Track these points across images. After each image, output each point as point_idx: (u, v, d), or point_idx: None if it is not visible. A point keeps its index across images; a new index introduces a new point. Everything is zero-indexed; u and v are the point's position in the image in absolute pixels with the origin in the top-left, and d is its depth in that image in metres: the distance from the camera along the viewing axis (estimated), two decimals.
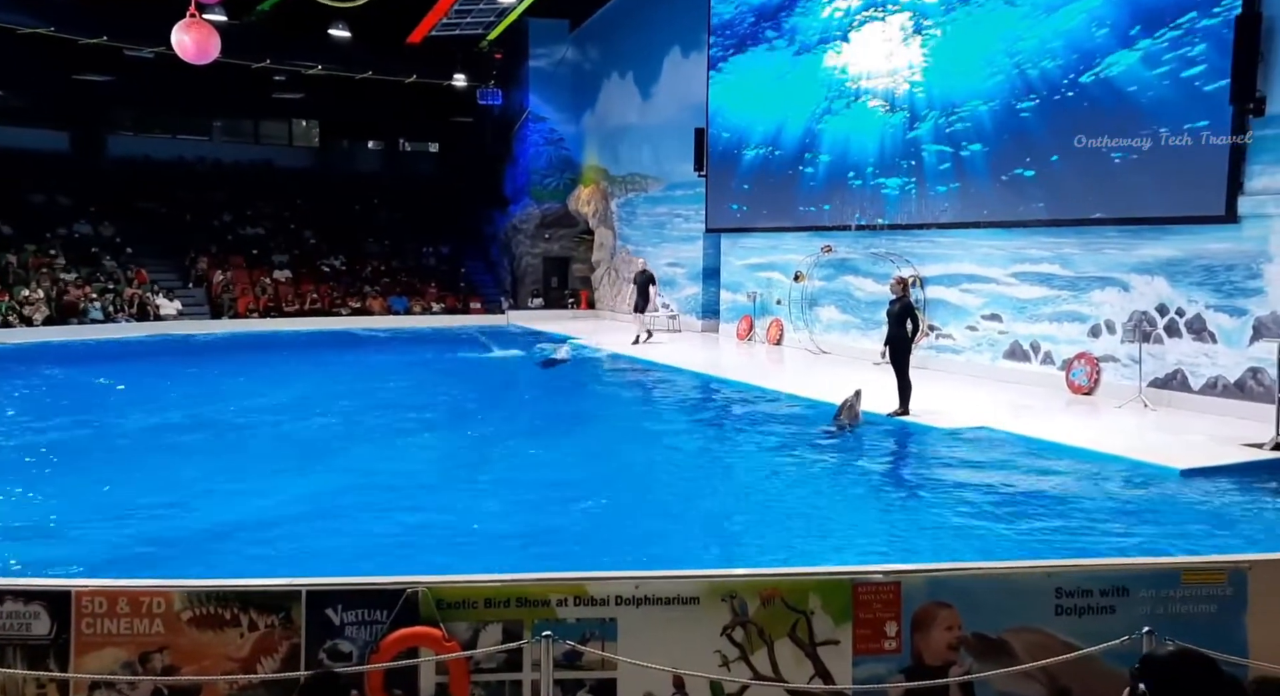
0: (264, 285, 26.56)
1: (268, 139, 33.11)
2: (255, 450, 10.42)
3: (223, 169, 30.53)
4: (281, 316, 25.51)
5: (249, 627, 3.88)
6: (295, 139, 33.94)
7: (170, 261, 26.55)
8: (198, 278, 26.40)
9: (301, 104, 31.95)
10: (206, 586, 3.90)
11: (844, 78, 17.20)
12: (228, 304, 25.54)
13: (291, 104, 31.78)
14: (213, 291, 25.96)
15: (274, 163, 31.57)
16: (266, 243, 28.41)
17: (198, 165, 30.27)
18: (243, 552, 6.79)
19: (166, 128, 31.19)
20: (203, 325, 24.23)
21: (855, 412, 10.85)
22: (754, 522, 7.94)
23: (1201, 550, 5.54)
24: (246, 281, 26.50)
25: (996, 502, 8.20)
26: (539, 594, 4.02)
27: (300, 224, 29.45)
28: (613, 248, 27.30)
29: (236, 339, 22.58)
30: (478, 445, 10.69)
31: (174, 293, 25.26)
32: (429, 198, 31.24)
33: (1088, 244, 12.87)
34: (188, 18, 8.27)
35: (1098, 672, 3.97)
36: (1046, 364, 13.44)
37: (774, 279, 19.57)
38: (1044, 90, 13.23)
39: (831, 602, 4.07)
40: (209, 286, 26.10)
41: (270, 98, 30.54)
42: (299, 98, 31.01)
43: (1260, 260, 10.80)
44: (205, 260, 26.80)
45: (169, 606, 3.84)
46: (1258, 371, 10.74)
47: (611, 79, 26.74)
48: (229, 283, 26.18)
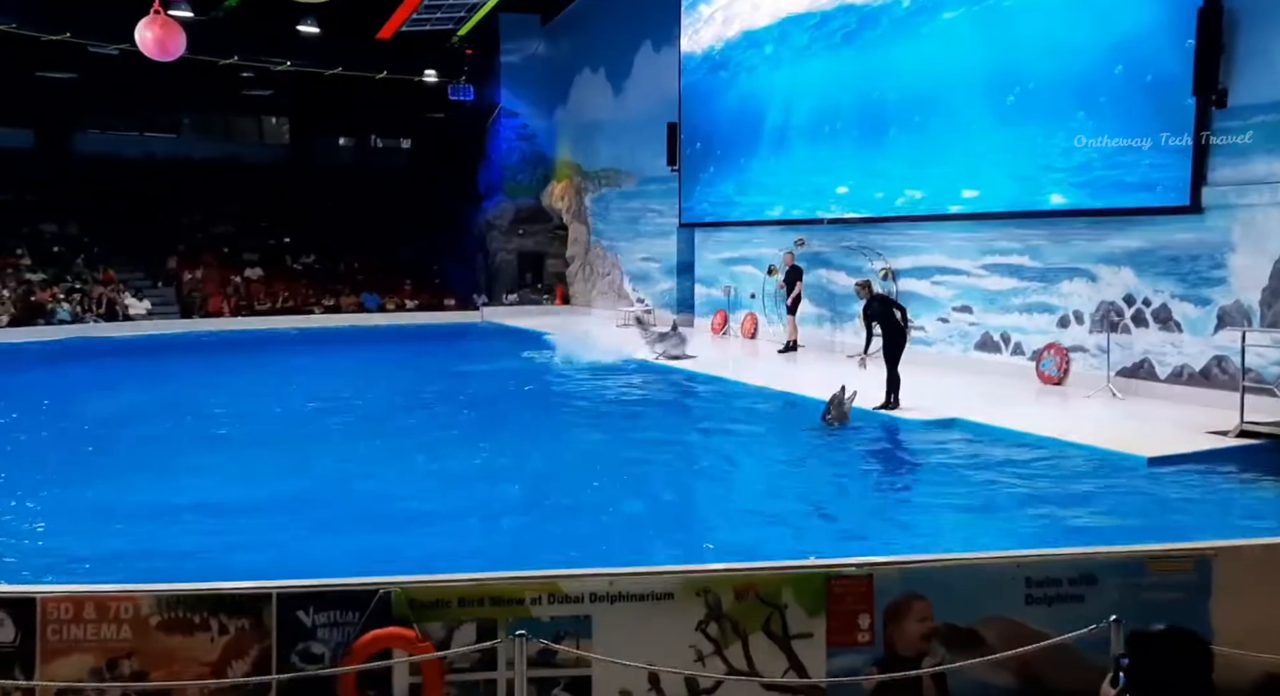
0: (235, 284, 26.30)
1: (237, 136, 32.77)
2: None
3: (192, 166, 30.16)
4: (253, 315, 25.29)
5: (219, 631, 3.84)
6: (265, 136, 33.60)
7: (139, 260, 26.22)
8: (167, 276, 26.09)
9: (271, 100, 31.61)
10: (175, 590, 3.87)
11: (817, 71, 17.25)
12: (198, 303, 25.27)
13: (261, 100, 31.44)
14: (182, 290, 25.66)
15: (244, 159, 31.23)
16: (237, 241, 28.12)
17: (166, 163, 29.88)
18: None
19: (134, 125, 30.76)
20: (172, 324, 23.96)
21: (844, 411, 10.89)
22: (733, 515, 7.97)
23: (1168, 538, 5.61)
24: (217, 280, 26.23)
25: (967, 493, 8.27)
26: (513, 592, 4.02)
27: (271, 221, 29.17)
28: (587, 243, 27.25)
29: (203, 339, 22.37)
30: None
31: (143, 292, 24.96)
32: (401, 194, 31.04)
33: (1056, 235, 13.00)
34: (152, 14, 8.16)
35: (1068, 661, 4.02)
36: (1017, 355, 13.57)
37: (747, 273, 19.62)
38: (1016, 82, 13.32)
39: (805, 596, 4.10)
40: (179, 285, 25.81)
41: (239, 94, 30.19)
42: (268, 94, 30.67)
43: (1223, 250, 10.95)
44: (175, 259, 26.49)
45: (137, 611, 3.80)
46: (1222, 360, 10.89)
47: (583, 74, 26.67)
48: (199, 281, 25.90)
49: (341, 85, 28.84)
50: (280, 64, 27.48)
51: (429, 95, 30.10)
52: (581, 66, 26.74)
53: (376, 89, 29.43)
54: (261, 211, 29.27)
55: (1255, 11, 10.53)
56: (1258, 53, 10.48)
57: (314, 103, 31.04)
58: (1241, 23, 10.62)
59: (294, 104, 31.91)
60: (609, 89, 25.34)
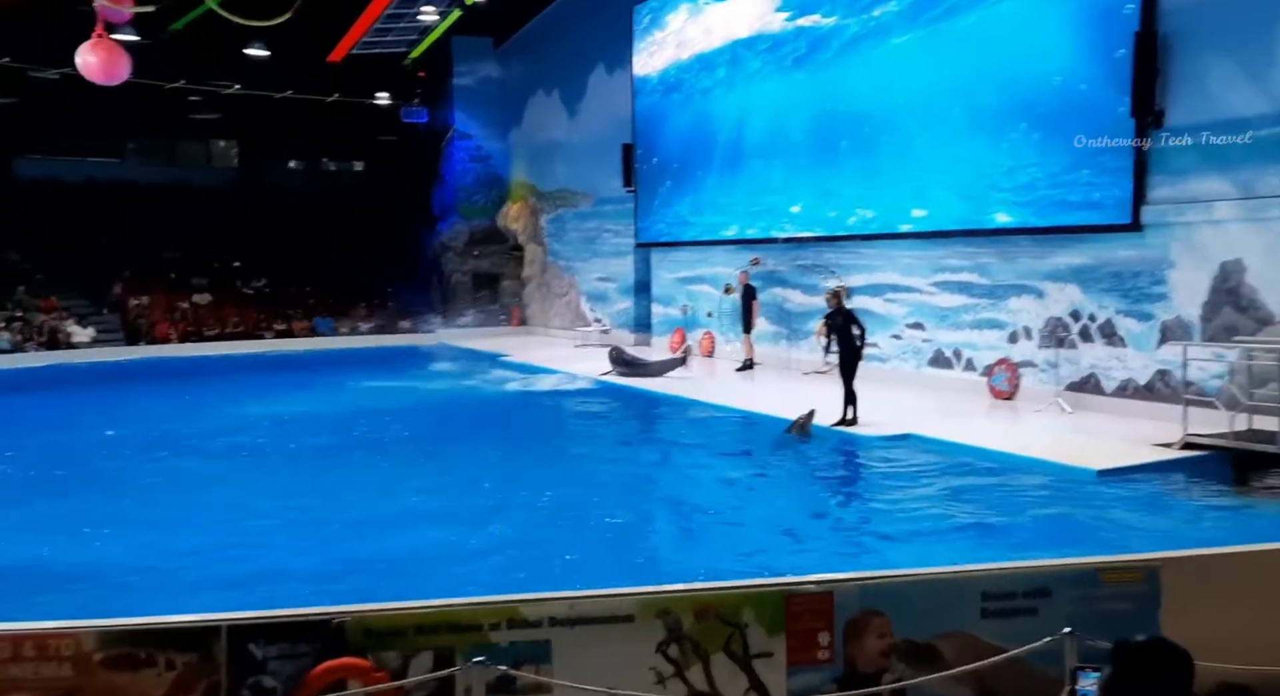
0: (182, 310, 25.83)
1: (184, 160, 32.28)
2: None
3: (137, 191, 29.63)
4: (202, 341, 24.83)
5: (166, 666, 3.73)
6: (214, 159, 33.16)
7: (83, 287, 25.64)
8: (112, 303, 25.55)
9: (219, 124, 31.25)
10: (119, 625, 3.75)
11: (769, 93, 17.47)
12: (144, 329, 24.76)
13: (209, 124, 31.06)
14: (128, 317, 25.14)
15: (191, 184, 30.76)
16: (185, 266, 27.63)
17: (110, 188, 29.34)
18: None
19: (76, 150, 30.15)
20: (117, 352, 23.45)
21: (807, 431, 11.05)
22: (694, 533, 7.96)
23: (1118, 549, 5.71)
24: (164, 306, 25.74)
25: (923, 507, 8.35)
26: (470, 618, 3.96)
27: (220, 246, 28.73)
28: (543, 263, 27.22)
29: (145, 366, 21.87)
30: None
31: (87, 319, 24.40)
32: (354, 217, 30.77)
33: (1003, 253, 13.25)
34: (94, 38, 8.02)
35: (1024, 673, 4.06)
36: (969, 370, 13.77)
37: (704, 292, 19.72)
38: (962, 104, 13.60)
39: (765, 614, 4.09)
40: (124, 312, 25.28)
41: (186, 118, 29.80)
42: (216, 118, 30.31)
43: (1164, 266, 11.24)
44: (120, 285, 25.96)
45: (79, 648, 3.67)
46: (1165, 373, 11.15)
47: (537, 96, 26.74)
48: (145, 308, 25.39)
49: (292, 108, 28.59)
50: (228, 87, 27.18)
51: (381, 118, 29.96)
52: (535, 88, 26.81)
53: (328, 112, 29.23)
54: (210, 236, 28.82)
55: (1188, 36, 10.88)
56: (1191, 76, 10.82)
57: (264, 126, 30.72)
58: (1175, 47, 10.96)
59: (243, 127, 31.56)
60: (563, 111, 25.42)
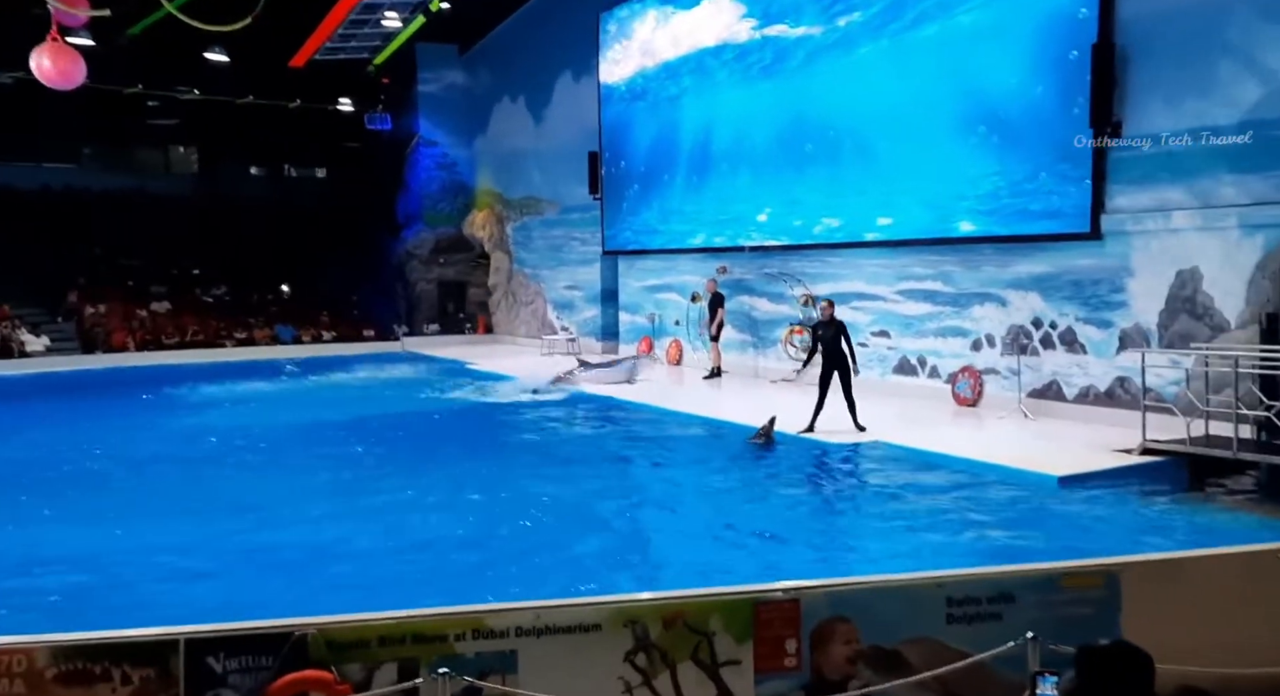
0: (140, 318, 25.40)
1: (142, 166, 31.74)
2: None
3: (92, 198, 29.12)
4: (160, 349, 24.44)
5: (122, 681, 3.64)
6: (172, 166, 32.64)
7: (37, 295, 25.13)
8: (67, 312, 25.06)
9: (178, 130, 30.80)
10: (73, 640, 3.65)
11: (735, 102, 17.56)
12: (101, 338, 24.31)
13: (167, 130, 30.61)
14: (84, 325, 24.67)
15: (149, 190, 30.25)
16: (143, 273, 27.19)
17: (65, 194, 28.80)
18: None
19: (30, 155, 29.54)
20: (73, 361, 23.01)
21: (770, 438, 11.17)
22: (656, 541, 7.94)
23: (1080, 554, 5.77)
24: (121, 314, 25.30)
25: (888, 514, 8.41)
26: (435, 629, 3.91)
27: (179, 253, 28.30)
28: (509, 271, 27.12)
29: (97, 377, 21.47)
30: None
31: (41, 328, 23.91)
32: (317, 224, 30.46)
33: (967, 261, 13.41)
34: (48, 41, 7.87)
35: (988, 679, 4.09)
36: (933, 377, 13.91)
37: (671, 300, 19.75)
38: (926, 114, 13.76)
39: (733, 622, 4.08)
40: (79, 320, 24.81)
41: (145, 124, 29.35)
42: (175, 124, 29.89)
43: (1122, 275, 11.44)
44: (75, 293, 25.48)
45: (31, 664, 3.57)
46: (1125, 380, 11.34)
47: (503, 103, 26.67)
48: (102, 316, 24.93)
49: (253, 114, 28.27)
50: (187, 93, 26.83)
51: (345, 124, 29.71)
52: (501, 95, 26.74)
53: (290, 118, 28.93)
54: (169, 243, 28.37)
55: (1144, 49, 11.10)
56: (1148, 87, 11.04)
57: (224, 132, 30.33)
58: (1133, 57, 11.18)
59: (203, 133, 31.13)
60: (529, 118, 25.38)
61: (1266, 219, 10.01)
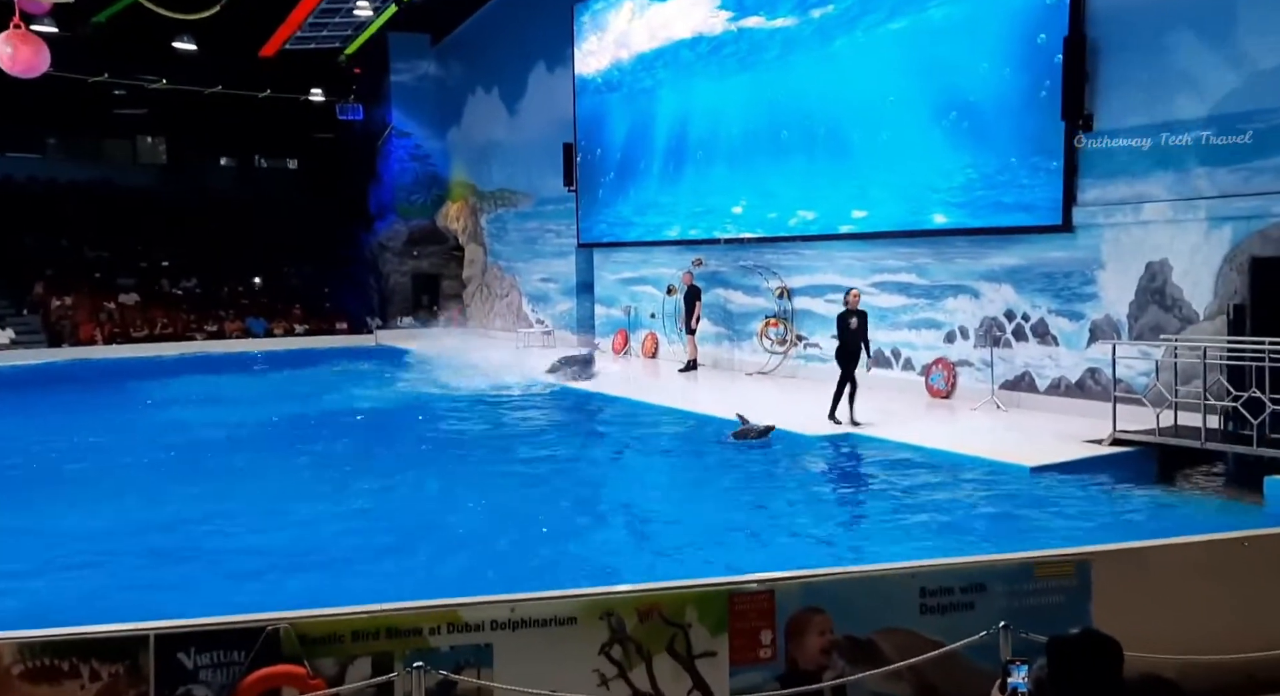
0: (108, 310, 25.06)
1: (109, 156, 31.29)
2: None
3: (58, 189, 28.67)
4: (129, 342, 24.13)
5: (90, 678, 3.60)
6: (140, 156, 32.19)
7: (1, 287, 24.73)
8: (33, 304, 24.68)
9: (146, 120, 30.38)
10: (40, 637, 3.60)
11: (710, 94, 17.55)
12: (68, 331, 23.96)
13: (135, 120, 30.18)
14: (50, 318, 24.30)
15: (116, 182, 29.83)
16: (111, 265, 26.81)
17: (30, 185, 28.34)
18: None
19: None
20: (39, 354, 22.69)
21: (765, 437, 10.98)
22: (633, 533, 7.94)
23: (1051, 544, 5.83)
24: (89, 307, 24.94)
25: (861, 505, 8.46)
26: (410, 623, 3.89)
27: (148, 245, 27.93)
28: (484, 264, 26.99)
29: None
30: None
31: (5, 320, 23.53)
32: (289, 216, 30.16)
33: (940, 254, 13.49)
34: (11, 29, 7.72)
35: (961, 667, 4.12)
36: (907, 370, 13.99)
37: (647, 292, 19.73)
38: (901, 107, 13.81)
39: (708, 614, 4.09)
40: (45, 313, 24.44)
41: (111, 113, 28.90)
42: (142, 113, 29.47)
43: (1093, 267, 11.55)
44: (41, 285, 25.09)
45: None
46: (1095, 371, 11.46)
47: (477, 94, 26.51)
48: (69, 308, 24.57)
49: (222, 104, 27.91)
50: (155, 82, 26.44)
51: (316, 115, 29.42)
52: (474, 86, 26.57)
53: (260, 108, 28.60)
54: (137, 235, 28.01)
55: (1116, 42, 11.19)
56: (1119, 80, 11.13)
57: (193, 122, 29.94)
58: (1104, 52, 11.27)
59: (171, 123, 30.72)
60: (503, 109, 25.23)
61: (1234, 211, 10.14)
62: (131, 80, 26.27)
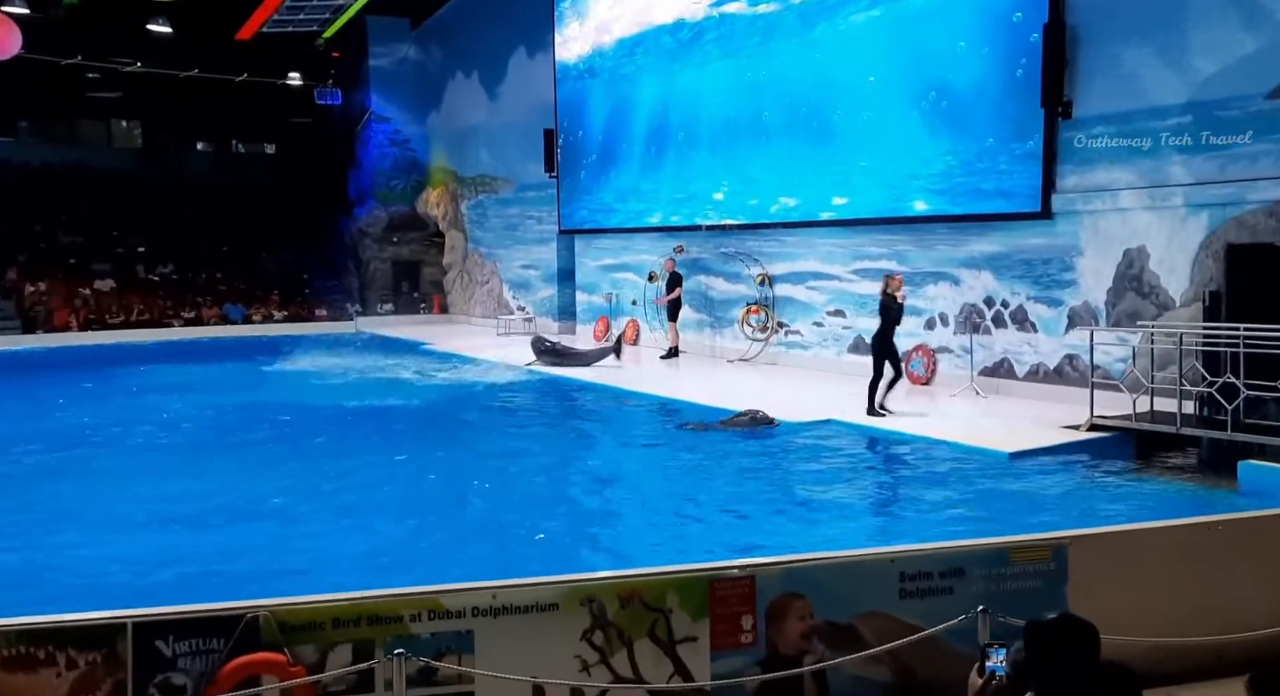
0: (84, 296, 24.79)
1: (84, 140, 30.88)
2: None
3: (31, 173, 28.27)
4: (105, 329, 23.89)
5: (67, 666, 3.57)
6: (115, 140, 31.81)
7: None
8: (6, 290, 24.37)
9: (121, 103, 30.00)
10: (14, 625, 3.57)
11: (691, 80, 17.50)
12: (42, 317, 23.69)
13: (109, 103, 29.80)
14: (24, 304, 24.01)
15: (91, 165, 29.44)
16: (86, 251, 26.49)
17: (2, 169, 27.92)
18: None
19: None
20: (13, 341, 22.41)
21: (759, 422, 10.95)
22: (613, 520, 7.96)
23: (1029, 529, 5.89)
24: (64, 293, 24.67)
25: (842, 490, 8.50)
26: (390, 610, 3.88)
27: (124, 231, 27.61)
28: (465, 251, 26.87)
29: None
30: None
31: None
32: (267, 201, 29.89)
33: (921, 241, 13.53)
34: None
35: (940, 651, 4.16)
36: None
37: (629, 279, 19.70)
38: (882, 93, 13.82)
39: (689, 600, 4.10)
40: (19, 299, 24.14)
41: (85, 96, 28.50)
42: (117, 96, 29.08)
43: (1072, 253, 11.63)
44: (15, 270, 24.78)
45: None
46: (1073, 358, 11.55)
47: (457, 79, 26.31)
48: (43, 294, 24.28)
49: (198, 88, 27.58)
50: (130, 65, 26.08)
51: (294, 99, 29.15)
52: (454, 71, 26.37)
53: (237, 92, 28.30)
54: (113, 220, 27.68)
55: (1095, 28, 11.23)
56: (1098, 67, 11.18)
57: (168, 106, 29.59)
58: (1083, 38, 11.31)
59: (147, 107, 30.34)
60: (483, 94, 25.07)
61: (1211, 198, 10.22)
62: (105, 63, 25.91)
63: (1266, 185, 9.68)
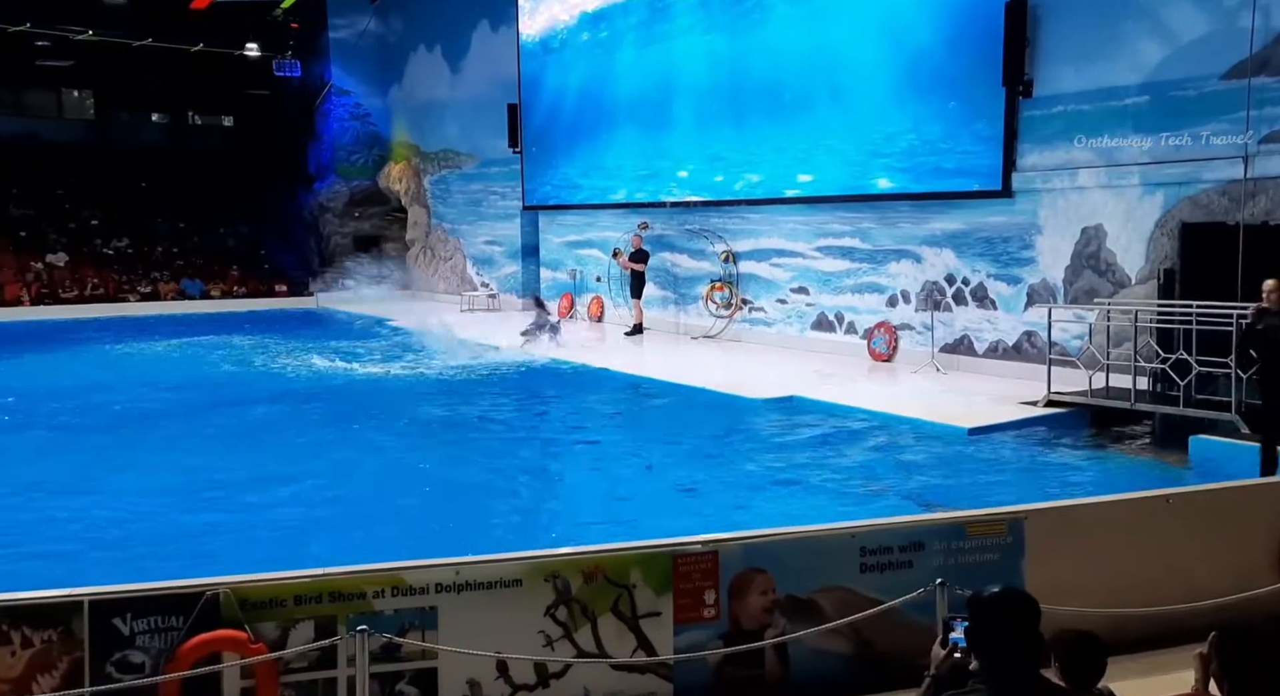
0: (36, 270, 24.23)
1: (33, 110, 29.97)
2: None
3: None
4: (58, 304, 23.40)
5: (22, 644, 3.53)
6: (66, 110, 30.89)
7: None
8: None
9: (72, 72, 29.14)
10: None
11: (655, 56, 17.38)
12: None
13: (60, 72, 28.93)
14: None
15: (41, 136, 28.62)
16: (37, 224, 25.85)
17: None
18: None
19: None
20: None
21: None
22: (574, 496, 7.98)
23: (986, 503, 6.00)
24: (15, 267, 24.09)
25: (803, 466, 8.58)
26: (353, 587, 3.87)
27: (76, 203, 26.96)
28: (427, 226, 26.58)
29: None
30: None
31: None
32: (224, 174, 29.28)
33: (884, 218, 13.62)
34: None
35: (898, 624, 4.23)
36: (850, 333, 14.17)
37: (593, 256, 19.63)
38: (844, 71, 13.83)
39: (652, 575, 4.13)
40: None
41: (34, 64, 27.67)
42: (68, 65, 28.27)
43: (1031, 232, 11.77)
44: None
45: None
46: (1032, 335, 11.72)
47: (419, 52, 25.90)
48: None
49: (153, 57, 26.89)
50: (81, 33, 25.36)
51: (252, 70, 28.53)
52: (416, 44, 25.96)
53: (192, 62, 27.64)
54: (65, 192, 26.99)
55: (1056, 8, 11.32)
56: (1058, 46, 11.28)
57: (122, 76, 28.79)
58: (1044, 18, 11.40)
59: (99, 76, 29.50)
60: (446, 68, 24.72)
61: (1166, 178, 10.38)
62: (55, 30, 25.15)
63: (1220, 165, 9.86)
